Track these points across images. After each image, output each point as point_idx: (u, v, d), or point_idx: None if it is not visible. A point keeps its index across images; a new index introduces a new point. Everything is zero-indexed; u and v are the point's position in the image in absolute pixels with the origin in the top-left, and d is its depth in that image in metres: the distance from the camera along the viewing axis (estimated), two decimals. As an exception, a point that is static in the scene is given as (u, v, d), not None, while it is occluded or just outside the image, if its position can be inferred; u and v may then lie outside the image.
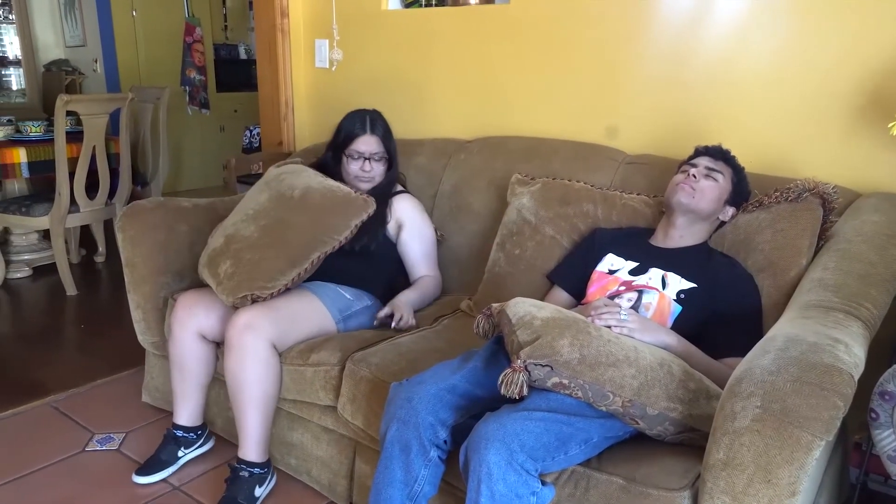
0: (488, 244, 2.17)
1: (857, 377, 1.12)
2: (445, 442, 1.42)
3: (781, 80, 1.91)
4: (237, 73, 6.42)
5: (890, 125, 1.61)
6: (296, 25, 2.94)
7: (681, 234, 1.75)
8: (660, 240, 1.79)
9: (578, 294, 1.84)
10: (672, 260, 1.71)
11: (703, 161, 1.74)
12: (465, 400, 1.46)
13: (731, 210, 1.76)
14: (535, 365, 1.33)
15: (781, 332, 1.28)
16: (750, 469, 1.14)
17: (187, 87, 5.78)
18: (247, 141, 3.58)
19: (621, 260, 1.77)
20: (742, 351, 1.33)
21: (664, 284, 1.66)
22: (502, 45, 2.44)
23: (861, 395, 1.21)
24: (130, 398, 2.48)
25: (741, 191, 1.76)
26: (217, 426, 2.21)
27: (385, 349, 1.81)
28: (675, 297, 1.63)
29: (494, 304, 1.52)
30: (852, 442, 1.86)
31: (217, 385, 2.14)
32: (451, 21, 2.56)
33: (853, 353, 1.18)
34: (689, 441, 1.38)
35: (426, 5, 2.67)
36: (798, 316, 1.38)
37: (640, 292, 1.66)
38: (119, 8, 5.61)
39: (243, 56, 6.58)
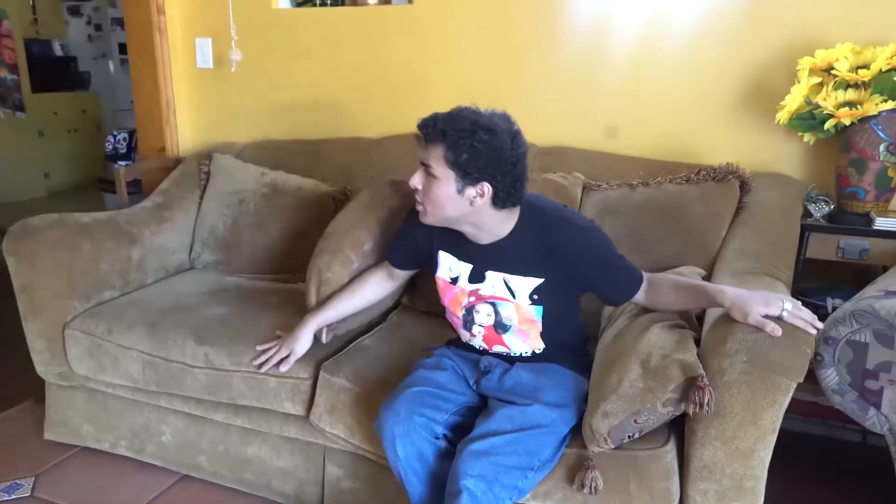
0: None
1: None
2: (445, 436, 1.50)
3: (680, 79, 2.17)
4: (54, 72, 5.79)
5: (777, 117, 1.92)
6: (172, 23, 2.77)
7: (483, 236, 1.50)
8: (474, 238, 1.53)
9: (410, 266, 1.77)
10: (501, 257, 1.51)
11: (420, 155, 1.45)
12: (445, 401, 1.53)
13: (482, 186, 1.39)
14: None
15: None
16: (739, 415, 1.33)
17: (-2, 88, 5.14)
18: (111, 147, 3.29)
19: (455, 261, 1.58)
20: (637, 283, 1.50)
21: (511, 292, 1.52)
22: (407, 45, 2.49)
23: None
24: (29, 437, 2.23)
25: (475, 164, 1.37)
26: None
27: (354, 354, 1.82)
28: (531, 301, 1.51)
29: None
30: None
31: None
32: (352, 21, 2.56)
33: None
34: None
35: (321, 5, 2.64)
36: (737, 283, 1.61)
37: (494, 304, 1.54)
38: None
39: (59, 53, 5.95)
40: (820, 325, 1.34)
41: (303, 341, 1.74)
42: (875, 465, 2.09)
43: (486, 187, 1.40)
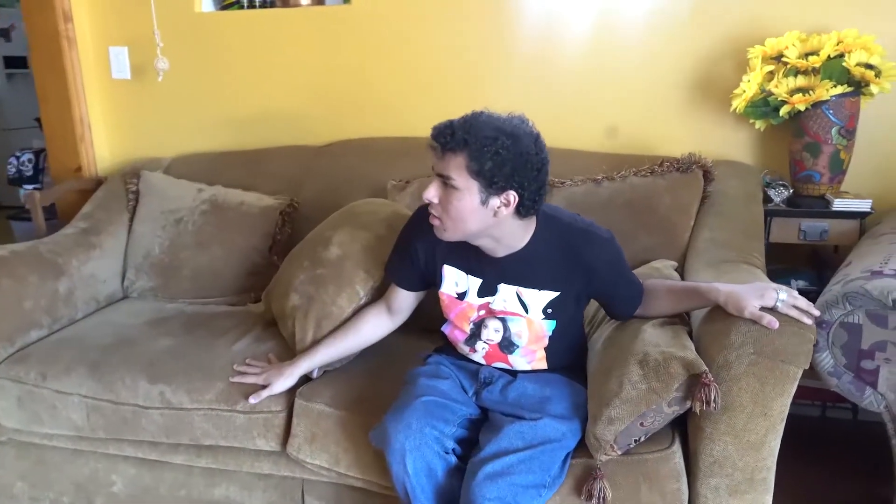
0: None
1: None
2: (454, 450, 1.40)
3: (631, 71, 2.17)
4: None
5: (734, 105, 1.95)
6: (81, 31, 2.53)
7: (501, 249, 1.41)
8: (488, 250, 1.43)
9: (419, 287, 1.59)
10: (516, 270, 1.42)
11: (436, 167, 1.33)
12: (452, 413, 1.44)
13: (508, 195, 1.30)
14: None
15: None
16: (749, 408, 1.30)
17: None
18: (14, 170, 2.98)
19: (462, 275, 1.48)
20: (640, 296, 1.47)
21: (525, 307, 1.45)
22: (347, 46, 2.37)
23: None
24: (-49, 505, 1.96)
25: (500, 172, 1.27)
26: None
27: (329, 377, 1.69)
28: (544, 315, 1.45)
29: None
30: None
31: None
32: (285, 23, 2.42)
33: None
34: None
35: (249, 7, 2.48)
36: (718, 273, 1.60)
37: (504, 320, 1.47)
38: None
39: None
40: (816, 312, 1.33)
41: (285, 380, 1.61)
42: (835, 439, 2.18)
43: (512, 195, 1.30)
